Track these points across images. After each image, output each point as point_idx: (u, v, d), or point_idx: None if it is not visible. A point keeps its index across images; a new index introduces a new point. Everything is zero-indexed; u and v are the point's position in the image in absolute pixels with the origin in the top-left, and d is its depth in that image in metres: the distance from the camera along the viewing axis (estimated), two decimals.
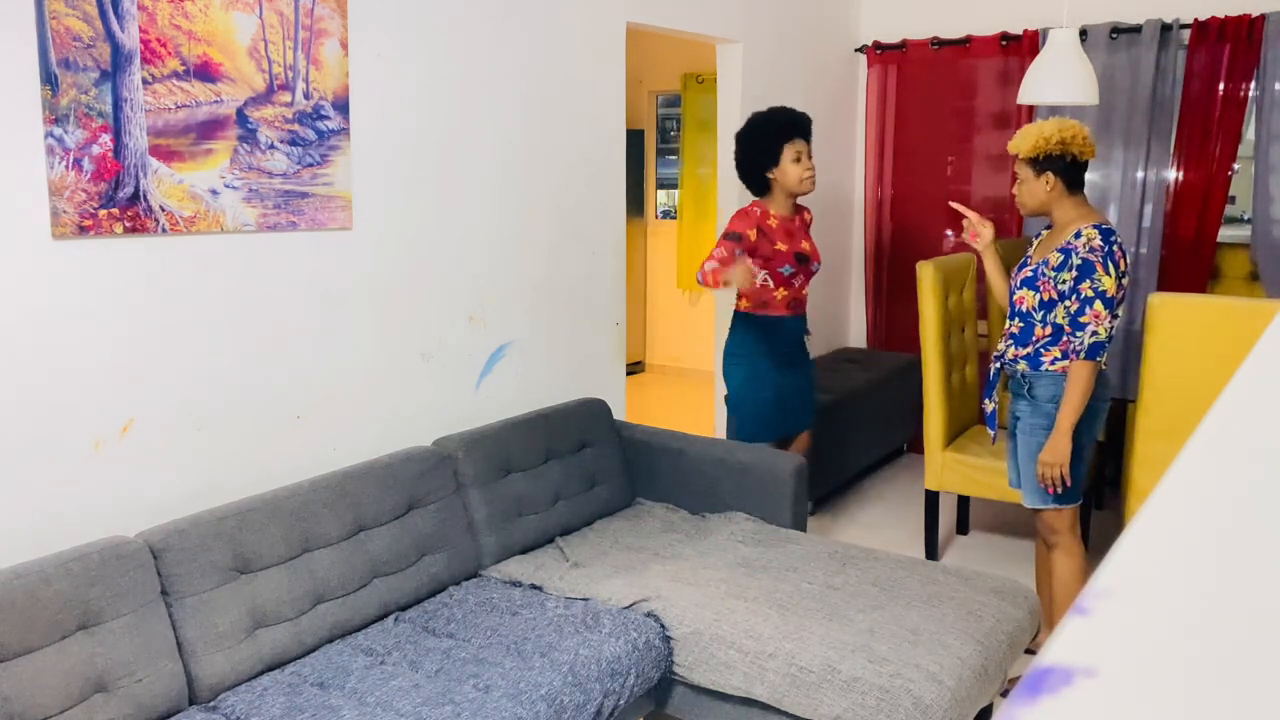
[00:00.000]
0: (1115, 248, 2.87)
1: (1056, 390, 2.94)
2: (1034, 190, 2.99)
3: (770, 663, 2.45)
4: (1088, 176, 4.82)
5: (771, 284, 3.48)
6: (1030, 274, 2.99)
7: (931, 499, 4.03)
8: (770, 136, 3.46)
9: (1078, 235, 2.89)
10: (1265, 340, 0.53)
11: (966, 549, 4.24)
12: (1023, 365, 3.00)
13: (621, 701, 2.43)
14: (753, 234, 3.41)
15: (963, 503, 4.39)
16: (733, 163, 3.60)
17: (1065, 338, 2.91)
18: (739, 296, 3.56)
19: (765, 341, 3.54)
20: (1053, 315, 2.93)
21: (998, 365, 3.12)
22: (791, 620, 2.56)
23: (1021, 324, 3.01)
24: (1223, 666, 0.32)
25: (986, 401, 3.20)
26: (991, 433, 3.23)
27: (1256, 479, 0.43)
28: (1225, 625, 0.34)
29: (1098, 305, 2.84)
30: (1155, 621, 0.35)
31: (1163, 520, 0.40)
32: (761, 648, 2.48)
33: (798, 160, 3.44)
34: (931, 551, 4.05)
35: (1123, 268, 2.88)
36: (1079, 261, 2.86)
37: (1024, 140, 2.97)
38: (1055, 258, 2.92)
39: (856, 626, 2.53)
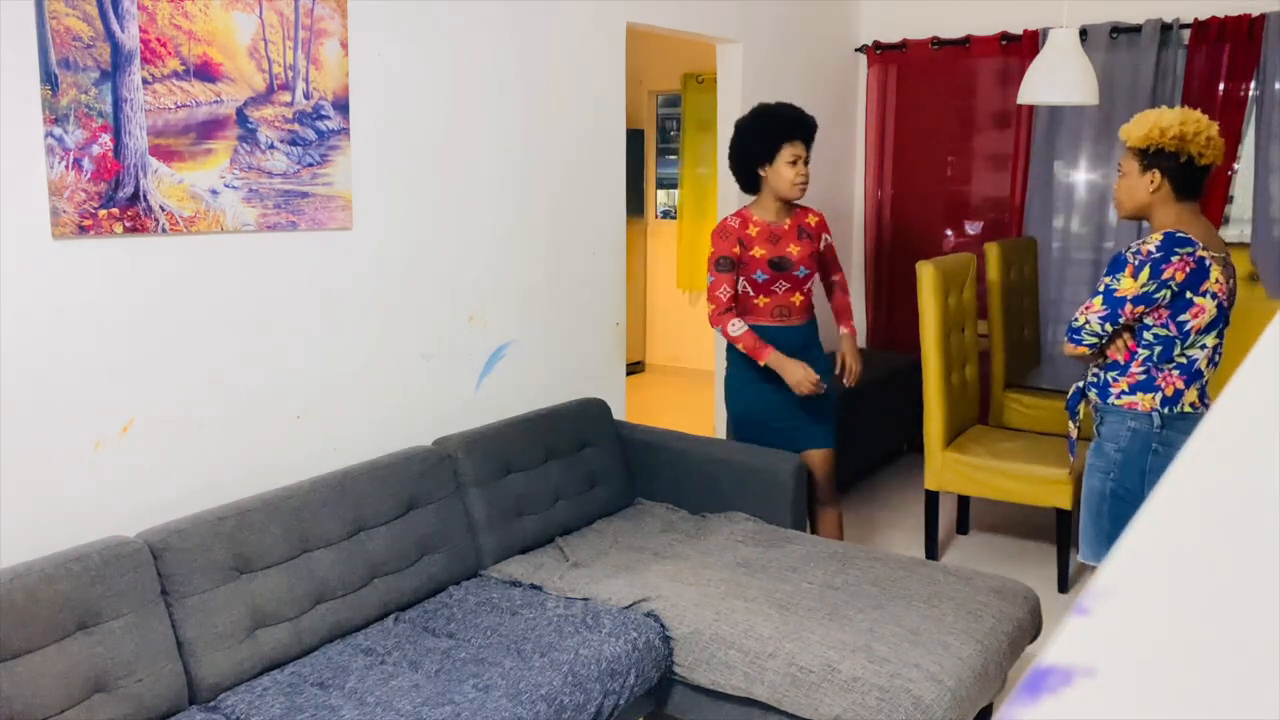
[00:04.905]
0: (1176, 257, 2.47)
1: (1120, 429, 2.63)
2: (1134, 188, 2.58)
3: (770, 663, 2.45)
4: (1085, 177, 4.88)
5: (750, 291, 3.34)
6: None
7: (931, 499, 4.03)
8: (771, 131, 3.27)
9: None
10: (1265, 340, 0.53)
11: (966, 549, 4.24)
12: (1093, 394, 2.71)
13: (621, 701, 2.43)
14: (737, 250, 3.30)
15: (963, 503, 4.39)
16: (728, 155, 3.41)
17: (1132, 364, 2.62)
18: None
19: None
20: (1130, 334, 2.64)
21: (1079, 385, 2.83)
22: (791, 620, 2.56)
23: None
24: (1222, 666, 0.32)
25: (1070, 426, 2.93)
26: (1072, 457, 3.11)
27: (1257, 479, 0.43)
28: (1224, 625, 0.34)
29: (1097, 301, 2.58)
30: (1155, 621, 0.35)
31: (1163, 520, 0.40)
32: (761, 648, 2.48)
33: (794, 163, 3.26)
34: (931, 551, 4.05)
35: (1207, 287, 2.48)
36: (1117, 257, 2.56)
37: (1136, 127, 2.55)
38: None
39: (856, 626, 2.53)
